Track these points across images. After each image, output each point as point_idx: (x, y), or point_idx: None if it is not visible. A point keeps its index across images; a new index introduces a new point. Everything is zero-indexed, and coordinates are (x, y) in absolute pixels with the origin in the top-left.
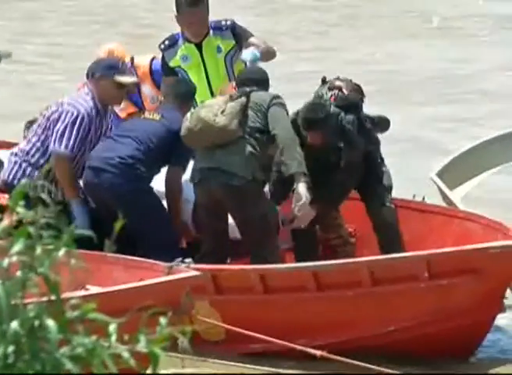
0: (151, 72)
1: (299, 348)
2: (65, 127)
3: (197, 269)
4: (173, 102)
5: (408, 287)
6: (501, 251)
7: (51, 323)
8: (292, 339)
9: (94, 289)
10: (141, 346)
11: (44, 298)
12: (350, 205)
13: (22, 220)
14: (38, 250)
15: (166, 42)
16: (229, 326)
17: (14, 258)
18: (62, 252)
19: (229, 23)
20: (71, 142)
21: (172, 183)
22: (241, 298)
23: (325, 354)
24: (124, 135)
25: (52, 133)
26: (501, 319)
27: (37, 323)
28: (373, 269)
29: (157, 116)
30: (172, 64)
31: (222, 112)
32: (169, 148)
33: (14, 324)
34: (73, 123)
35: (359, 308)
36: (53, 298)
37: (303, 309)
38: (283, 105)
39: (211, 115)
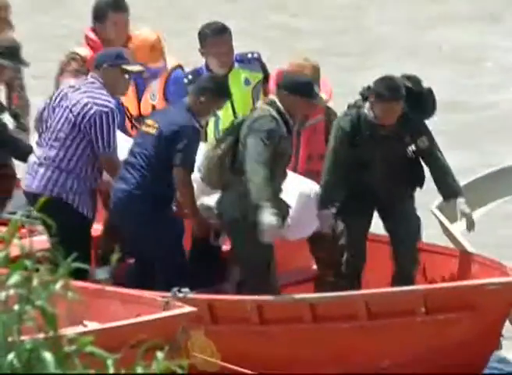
0: (167, 80)
1: None
2: (108, 129)
3: (194, 299)
4: (189, 96)
5: (404, 321)
6: (498, 287)
7: (48, 356)
8: (287, 370)
9: (91, 325)
10: None
11: (41, 332)
12: None
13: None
14: (35, 282)
15: (189, 76)
16: (219, 361)
17: (11, 291)
18: (59, 285)
19: (255, 55)
20: (116, 141)
21: (177, 184)
22: (237, 329)
23: None
24: (130, 162)
25: (92, 137)
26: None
27: (34, 356)
28: (370, 303)
29: (154, 124)
30: None
31: (207, 166)
32: (169, 155)
33: (10, 356)
34: (113, 121)
35: (354, 342)
36: (50, 332)
37: (298, 341)
38: (258, 130)
39: (201, 167)
